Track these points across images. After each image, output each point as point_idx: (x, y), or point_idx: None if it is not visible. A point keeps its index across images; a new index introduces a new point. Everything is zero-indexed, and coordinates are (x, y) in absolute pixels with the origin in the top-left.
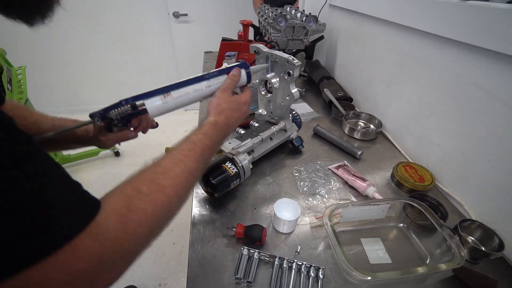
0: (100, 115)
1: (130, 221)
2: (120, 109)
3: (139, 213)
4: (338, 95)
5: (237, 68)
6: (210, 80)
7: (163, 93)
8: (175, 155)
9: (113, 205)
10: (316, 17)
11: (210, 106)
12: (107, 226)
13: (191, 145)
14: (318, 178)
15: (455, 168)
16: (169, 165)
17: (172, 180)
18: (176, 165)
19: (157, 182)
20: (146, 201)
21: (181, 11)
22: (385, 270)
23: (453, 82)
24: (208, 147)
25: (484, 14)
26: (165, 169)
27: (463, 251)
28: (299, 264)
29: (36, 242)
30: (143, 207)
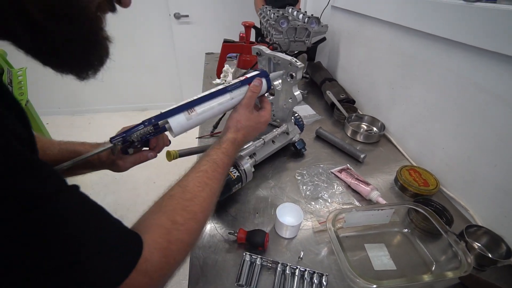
0: (122, 139)
1: (171, 253)
2: (142, 131)
3: (178, 243)
4: (341, 97)
5: (259, 79)
6: (232, 92)
7: (187, 109)
8: (201, 178)
9: (154, 238)
10: (318, 18)
11: (230, 121)
12: (153, 261)
13: (214, 166)
14: (320, 182)
15: (460, 172)
16: (196, 190)
17: (201, 206)
18: (203, 189)
19: (189, 210)
20: (182, 231)
21: (182, 12)
22: (390, 277)
23: (459, 85)
24: (227, 165)
25: (491, 16)
26: (193, 194)
27: (470, 257)
28: (302, 270)
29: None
30: (180, 238)
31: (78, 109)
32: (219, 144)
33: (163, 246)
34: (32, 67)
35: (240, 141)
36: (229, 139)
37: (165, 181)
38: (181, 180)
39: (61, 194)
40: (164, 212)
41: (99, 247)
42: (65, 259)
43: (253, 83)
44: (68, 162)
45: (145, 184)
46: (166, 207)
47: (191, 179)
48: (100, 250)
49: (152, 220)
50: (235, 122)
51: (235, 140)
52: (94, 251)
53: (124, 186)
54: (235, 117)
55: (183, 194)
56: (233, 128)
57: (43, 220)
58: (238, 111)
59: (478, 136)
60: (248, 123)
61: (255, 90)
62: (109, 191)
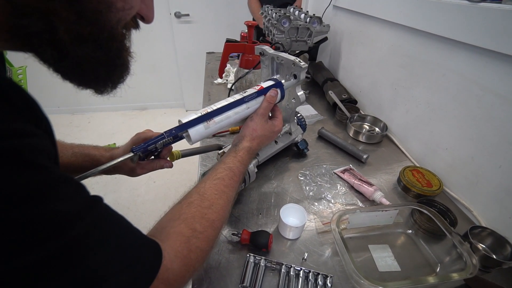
0: (143, 149)
1: (191, 261)
2: (162, 142)
3: (197, 252)
4: (343, 97)
5: (275, 89)
6: (249, 102)
7: (206, 120)
8: (218, 186)
9: (175, 247)
10: (320, 18)
11: (246, 130)
12: (174, 269)
13: (231, 174)
14: (323, 182)
15: (464, 173)
16: (214, 197)
17: (218, 214)
18: (220, 197)
19: (207, 218)
20: (201, 239)
21: (183, 12)
22: (395, 278)
23: (463, 86)
24: (242, 174)
25: (496, 17)
26: (211, 202)
27: (475, 259)
28: (307, 272)
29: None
30: (200, 246)
31: (77, 108)
32: (235, 152)
33: (184, 255)
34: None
35: (255, 149)
36: (245, 147)
37: (165, 181)
38: (198, 187)
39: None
40: (184, 219)
41: (122, 261)
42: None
43: (270, 93)
44: (93, 171)
45: (145, 184)
46: (185, 215)
47: (208, 186)
48: (123, 264)
49: (171, 229)
50: (251, 131)
51: (250, 149)
52: (118, 266)
53: (124, 186)
54: (251, 126)
55: (201, 202)
56: (249, 136)
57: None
58: (254, 120)
59: (482, 137)
60: (263, 132)
61: (271, 101)
62: (109, 190)
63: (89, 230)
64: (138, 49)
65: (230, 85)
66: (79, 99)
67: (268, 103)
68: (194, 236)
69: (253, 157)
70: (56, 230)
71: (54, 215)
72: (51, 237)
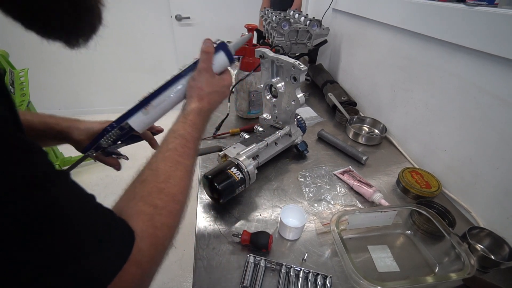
0: (94, 149)
1: (159, 239)
2: (109, 135)
3: (163, 229)
4: (342, 99)
5: (208, 39)
6: (187, 76)
7: (143, 106)
8: (172, 157)
9: (139, 227)
10: (319, 21)
11: (190, 91)
12: (144, 250)
13: (183, 141)
14: (323, 184)
15: (462, 175)
16: (169, 170)
17: (178, 186)
18: (176, 169)
19: (167, 192)
20: (165, 215)
21: (184, 14)
22: (394, 278)
23: (461, 88)
24: (197, 139)
25: (492, 20)
26: (167, 176)
27: (473, 259)
28: (306, 272)
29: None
30: (166, 222)
31: (79, 110)
32: (184, 117)
33: (150, 233)
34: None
35: (206, 110)
36: (194, 109)
37: None
38: (149, 163)
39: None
40: (140, 198)
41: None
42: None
43: (204, 44)
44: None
45: None
46: (141, 193)
47: (160, 160)
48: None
49: (130, 209)
50: (197, 91)
51: (200, 110)
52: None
53: (124, 187)
54: (195, 85)
55: (156, 177)
56: (195, 97)
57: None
58: (197, 78)
59: (480, 138)
60: (211, 89)
61: (208, 50)
62: (109, 192)
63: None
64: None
65: (230, 87)
66: (80, 100)
67: (205, 54)
68: (156, 213)
69: (206, 119)
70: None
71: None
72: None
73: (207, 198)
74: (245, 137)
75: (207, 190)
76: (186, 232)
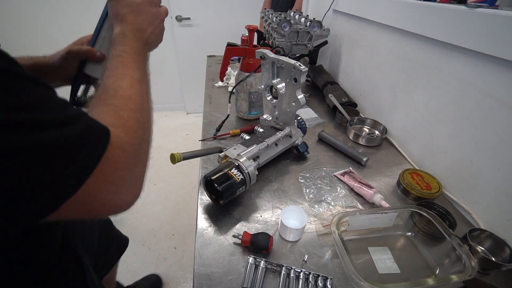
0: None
1: (131, 128)
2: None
3: (131, 120)
4: (343, 100)
5: None
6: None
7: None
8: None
9: (108, 121)
10: (320, 22)
11: (111, 20)
12: (122, 136)
13: (119, 59)
14: (323, 185)
15: (463, 176)
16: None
17: (129, 90)
18: (122, 79)
19: (120, 95)
20: (126, 110)
21: (184, 15)
22: (394, 280)
23: (461, 90)
24: (135, 54)
25: (493, 22)
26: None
27: (474, 261)
28: (307, 274)
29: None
30: (131, 115)
31: None
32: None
33: (121, 123)
34: None
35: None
36: (117, 34)
37: (165, 183)
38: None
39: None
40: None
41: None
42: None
43: None
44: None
45: (146, 186)
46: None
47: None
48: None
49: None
50: (114, 15)
51: (124, 33)
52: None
53: None
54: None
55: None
56: (115, 22)
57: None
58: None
59: (480, 140)
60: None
61: None
62: None
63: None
64: None
65: (230, 88)
66: None
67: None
68: (118, 109)
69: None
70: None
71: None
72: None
73: (207, 199)
74: (245, 138)
75: (207, 191)
76: (186, 233)
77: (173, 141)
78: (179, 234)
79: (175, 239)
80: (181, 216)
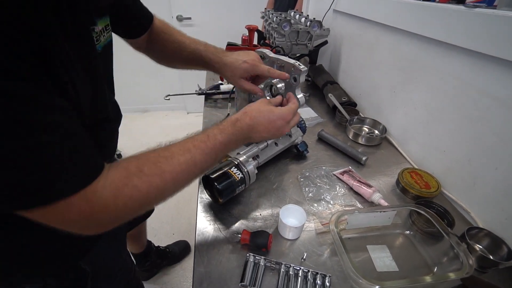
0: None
1: (123, 195)
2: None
3: (133, 190)
4: (342, 100)
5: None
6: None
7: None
8: (186, 144)
9: (114, 177)
10: (320, 22)
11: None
12: (101, 195)
13: (204, 138)
14: (323, 184)
15: (461, 175)
16: (176, 152)
17: (173, 167)
18: (182, 154)
19: (159, 165)
20: (143, 180)
21: (185, 15)
22: (393, 278)
23: (460, 89)
24: (221, 144)
25: (491, 22)
26: (171, 154)
27: (471, 259)
28: (305, 271)
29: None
30: (138, 186)
31: None
32: (220, 122)
33: (117, 186)
34: None
35: (245, 123)
36: (231, 119)
37: None
38: (172, 142)
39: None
40: (139, 158)
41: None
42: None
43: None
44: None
45: None
46: (143, 156)
47: (178, 143)
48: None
49: (125, 163)
50: (246, 107)
51: (237, 121)
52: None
53: None
54: (248, 104)
55: (163, 152)
56: (241, 110)
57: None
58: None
59: (479, 139)
60: (258, 113)
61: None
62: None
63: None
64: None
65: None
66: None
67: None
68: (136, 175)
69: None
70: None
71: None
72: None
73: (207, 198)
74: None
75: (207, 190)
76: (186, 231)
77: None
78: (179, 232)
79: (176, 238)
80: (181, 215)
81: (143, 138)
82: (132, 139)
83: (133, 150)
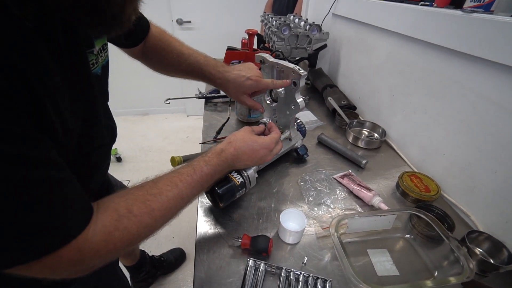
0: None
1: (114, 239)
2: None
3: (124, 232)
4: (342, 103)
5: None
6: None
7: None
8: (173, 179)
9: (104, 221)
10: (319, 26)
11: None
12: (92, 241)
13: (191, 171)
14: (323, 188)
15: (461, 179)
16: (164, 188)
17: (162, 204)
18: (170, 190)
19: (148, 204)
20: (133, 221)
21: (185, 18)
22: (393, 283)
23: (459, 93)
24: (207, 175)
25: (488, 27)
26: (160, 191)
27: (472, 263)
28: (306, 276)
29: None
30: (129, 227)
31: None
32: (205, 153)
33: (108, 231)
34: None
35: (229, 154)
36: (216, 150)
37: None
38: (157, 176)
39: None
40: (127, 198)
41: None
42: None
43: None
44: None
45: None
46: (131, 195)
47: (165, 177)
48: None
49: (112, 203)
50: (230, 136)
51: (221, 152)
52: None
53: None
54: (233, 133)
55: (150, 189)
56: (226, 140)
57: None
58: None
59: (478, 143)
60: (243, 143)
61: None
62: None
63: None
64: None
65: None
66: None
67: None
68: (126, 216)
69: (226, 164)
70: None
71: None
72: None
73: (207, 202)
74: None
75: (208, 194)
76: (186, 236)
77: (173, 144)
78: (178, 237)
79: (175, 242)
80: (181, 219)
81: (143, 141)
82: (132, 142)
83: (133, 153)
